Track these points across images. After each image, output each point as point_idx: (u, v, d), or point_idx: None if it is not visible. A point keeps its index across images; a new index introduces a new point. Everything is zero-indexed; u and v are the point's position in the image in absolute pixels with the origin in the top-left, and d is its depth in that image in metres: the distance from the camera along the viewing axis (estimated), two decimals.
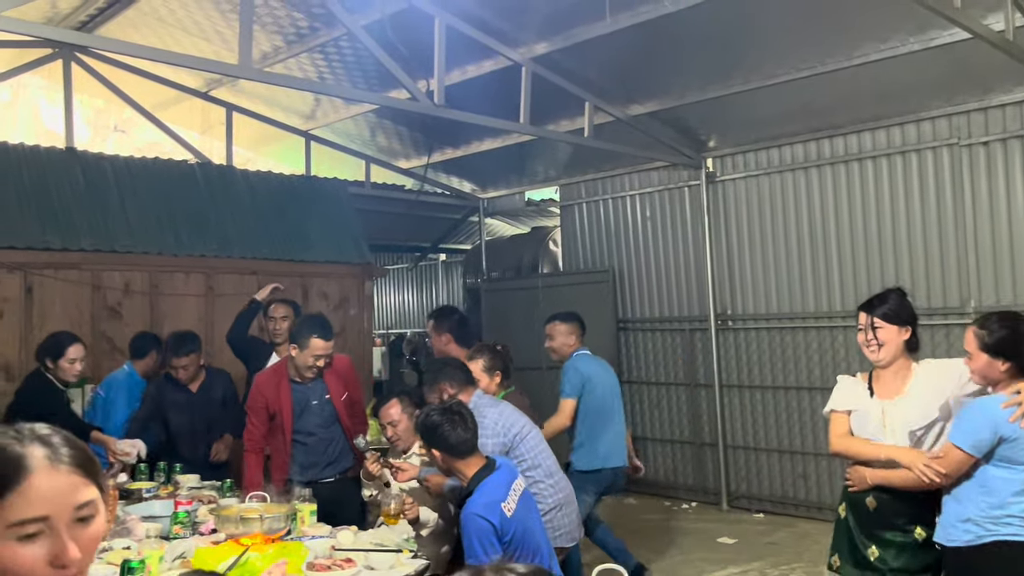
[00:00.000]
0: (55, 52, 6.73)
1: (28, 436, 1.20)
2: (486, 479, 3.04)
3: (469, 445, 3.09)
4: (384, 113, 7.78)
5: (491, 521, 2.91)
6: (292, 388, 4.30)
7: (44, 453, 1.19)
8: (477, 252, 10.12)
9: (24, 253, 5.88)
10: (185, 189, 6.98)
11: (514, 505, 3.02)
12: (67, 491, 1.19)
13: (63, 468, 1.19)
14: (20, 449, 1.18)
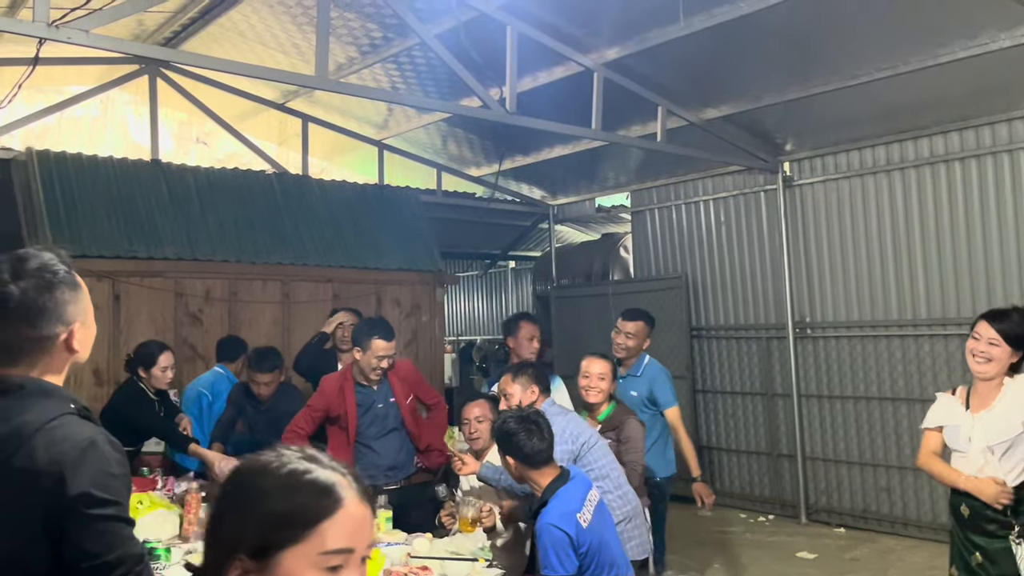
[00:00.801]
0: (141, 68, 6.98)
1: (326, 464, 1.18)
2: (560, 489, 3.00)
3: (544, 456, 3.05)
4: (455, 121, 7.84)
5: (567, 532, 2.87)
6: (357, 391, 4.34)
7: (350, 483, 1.17)
8: (547, 259, 10.10)
9: (112, 262, 6.09)
10: (263, 199, 7.16)
11: (590, 516, 2.97)
12: (368, 526, 1.18)
13: (365, 501, 1.18)
14: (331, 477, 1.16)
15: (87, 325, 1.74)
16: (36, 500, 1.54)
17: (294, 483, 1.14)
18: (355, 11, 5.92)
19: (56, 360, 1.70)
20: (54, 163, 6.26)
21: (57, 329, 1.67)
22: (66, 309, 1.68)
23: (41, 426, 1.58)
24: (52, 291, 1.66)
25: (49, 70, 6.47)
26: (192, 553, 2.99)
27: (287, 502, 1.12)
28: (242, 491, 1.16)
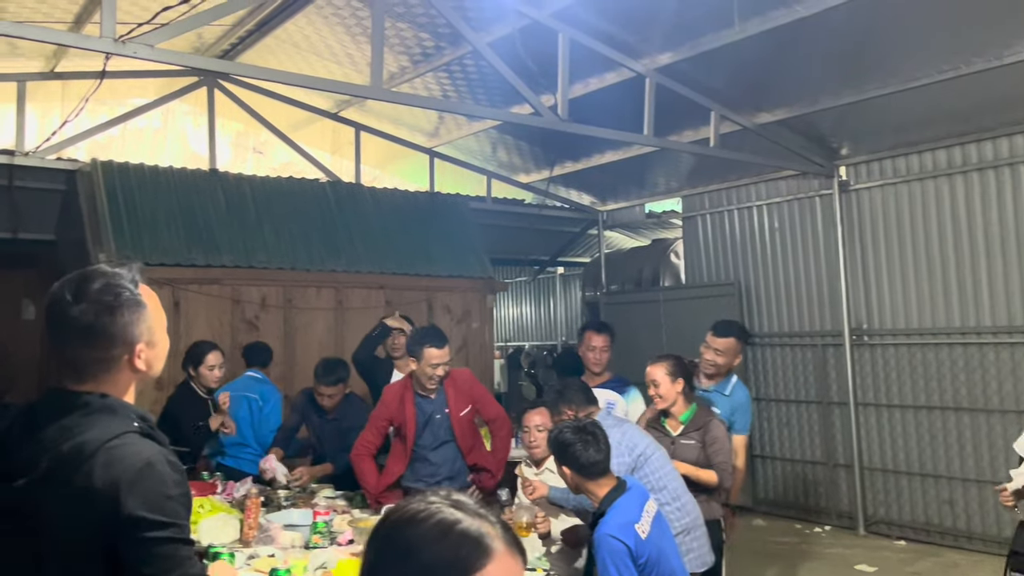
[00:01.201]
0: (200, 80, 7.15)
1: (473, 511, 1.12)
2: (618, 500, 2.98)
3: (601, 467, 3.03)
4: (505, 129, 7.87)
5: (625, 543, 2.84)
6: (416, 401, 4.35)
7: (499, 533, 1.10)
8: (596, 265, 10.06)
9: (172, 270, 6.24)
10: (317, 207, 7.26)
11: (648, 527, 2.94)
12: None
13: (516, 552, 1.11)
14: (481, 527, 1.10)
15: (153, 343, 1.72)
16: (94, 520, 1.53)
17: (444, 534, 1.08)
18: (408, 21, 5.98)
19: (121, 378, 1.69)
20: (117, 173, 6.44)
21: (118, 350, 1.66)
22: (128, 331, 1.67)
23: (101, 445, 1.56)
24: (112, 314, 1.65)
25: (112, 83, 6.65)
26: (255, 558, 3.04)
27: (438, 555, 1.07)
28: (392, 545, 1.11)
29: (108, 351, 1.65)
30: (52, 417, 1.61)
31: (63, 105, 6.84)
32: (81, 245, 6.20)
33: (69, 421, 1.60)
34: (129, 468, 1.54)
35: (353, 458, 4.36)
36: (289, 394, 6.28)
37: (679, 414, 4.02)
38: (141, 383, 1.78)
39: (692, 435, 3.96)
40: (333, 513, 3.67)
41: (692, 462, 3.84)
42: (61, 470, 1.56)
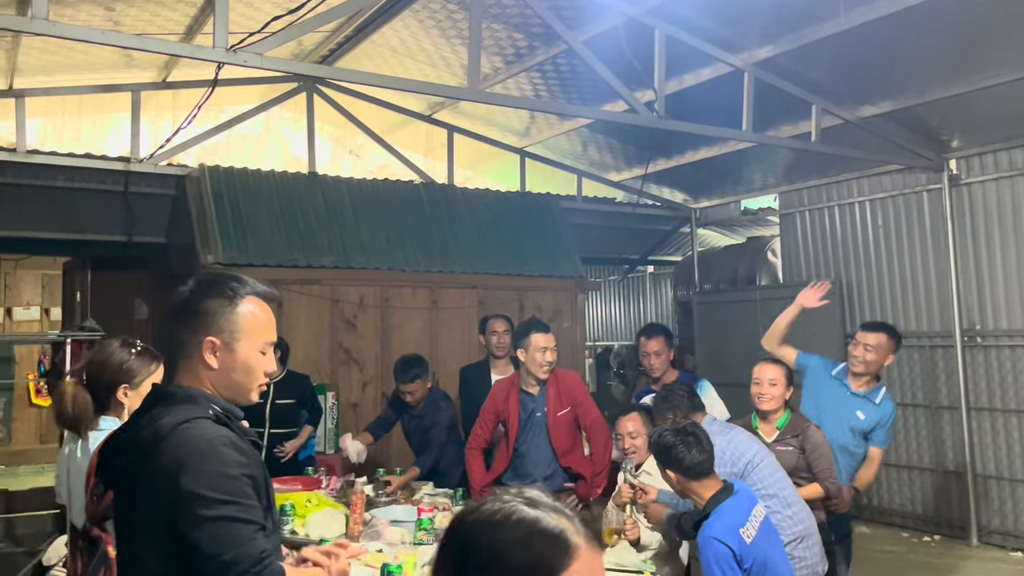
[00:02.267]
0: (300, 85, 7.37)
1: (551, 507, 1.09)
2: (724, 503, 2.92)
3: (705, 467, 2.97)
4: (596, 127, 7.82)
5: (729, 546, 2.78)
6: (520, 397, 4.37)
7: (578, 528, 1.08)
8: (688, 263, 9.90)
9: (275, 270, 6.44)
10: (411, 208, 7.38)
11: (754, 532, 2.87)
12: (602, 573, 1.10)
13: (596, 546, 1.09)
14: (560, 523, 1.07)
15: (233, 349, 1.77)
16: (161, 497, 1.63)
17: (527, 536, 1.05)
18: (502, 22, 6.01)
19: (200, 371, 1.78)
20: (223, 178, 6.69)
21: (199, 335, 1.76)
22: (211, 319, 1.77)
23: (174, 427, 1.67)
24: (205, 296, 1.78)
25: (220, 91, 6.89)
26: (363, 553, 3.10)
27: (524, 558, 1.04)
28: (474, 549, 1.07)
29: (191, 333, 1.76)
30: (148, 407, 1.77)
31: (174, 113, 7.16)
32: (190, 247, 6.46)
33: (157, 410, 1.73)
34: (193, 448, 1.64)
35: (466, 452, 4.46)
36: (386, 391, 6.43)
37: (776, 419, 3.94)
38: (225, 390, 1.80)
39: (789, 441, 3.87)
40: (436, 510, 3.72)
41: (790, 468, 3.72)
42: (142, 451, 1.69)
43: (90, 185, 6.72)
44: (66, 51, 5.94)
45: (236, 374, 1.79)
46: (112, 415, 2.71)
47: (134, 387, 2.72)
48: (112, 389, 2.70)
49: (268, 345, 1.84)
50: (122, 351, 2.75)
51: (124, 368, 2.71)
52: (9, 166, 6.36)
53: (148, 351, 2.80)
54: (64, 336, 6.43)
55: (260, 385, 1.86)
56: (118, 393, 2.70)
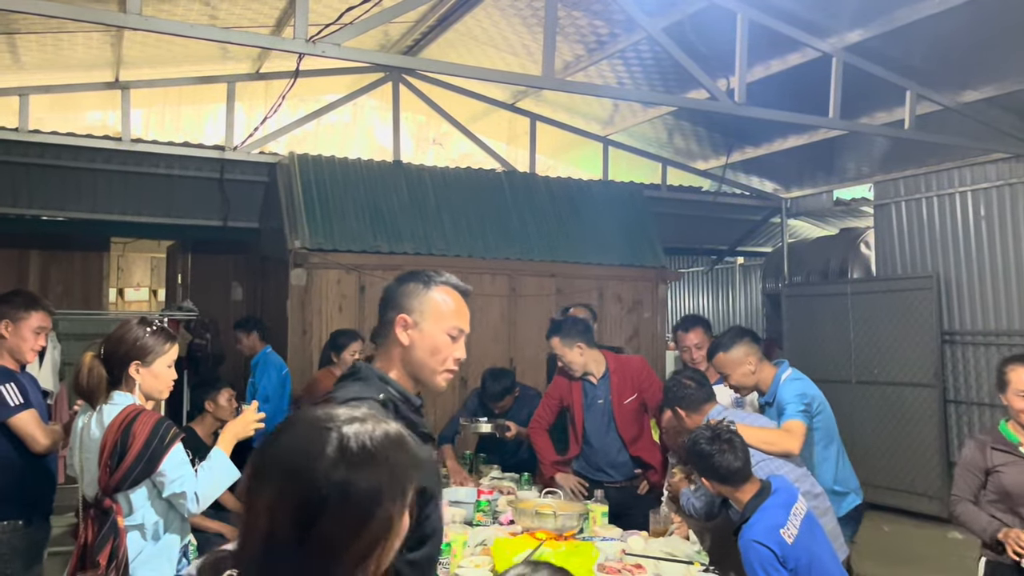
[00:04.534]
0: (386, 75, 7.53)
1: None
2: (763, 504, 2.85)
3: (742, 474, 2.91)
4: (682, 115, 7.69)
5: (770, 548, 2.72)
6: (583, 385, 4.36)
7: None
8: (778, 255, 9.63)
9: (359, 256, 6.62)
10: (492, 196, 7.45)
11: (795, 531, 2.79)
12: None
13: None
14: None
15: (422, 328, 1.90)
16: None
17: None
18: (582, 9, 5.99)
19: (392, 349, 1.93)
20: (312, 166, 6.91)
21: (391, 313, 1.93)
22: (403, 300, 1.93)
23: (340, 403, 1.76)
24: (401, 283, 1.95)
25: (310, 81, 7.15)
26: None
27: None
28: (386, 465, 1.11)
29: (389, 312, 1.94)
30: (341, 379, 1.95)
31: (266, 103, 7.44)
32: (280, 232, 6.72)
33: (343, 384, 1.88)
34: None
35: (530, 431, 4.47)
36: (464, 377, 6.52)
37: None
38: (411, 368, 1.92)
39: None
40: (497, 493, 3.77)
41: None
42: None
43: (189, 172, 7.07)
44: (166, 44, 6.25)
45: (423, 352, 1.91)
46: (125, 390, 2.80)
47: (146, 364, 2.80)
48: (125, 364, 2.79)
49: (457, 331, 1.95)
50: (139, 328, 2.83)
51: (138, 345, 2.80)
52: (116, 154, 6.76)
53: (164, 331, 2.89)
54: (163, 316, 6.80)
55: (447, 370, 1.96)
56: (130, 369, 2.79)
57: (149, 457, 2.66)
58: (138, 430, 2.67)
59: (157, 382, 2.86)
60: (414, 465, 1.17)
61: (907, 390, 7.47)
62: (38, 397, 3.77)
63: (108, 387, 2.79)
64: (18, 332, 3.64)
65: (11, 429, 3.52)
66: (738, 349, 3.67)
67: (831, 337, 8.20)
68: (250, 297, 8.71)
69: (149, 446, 2.66)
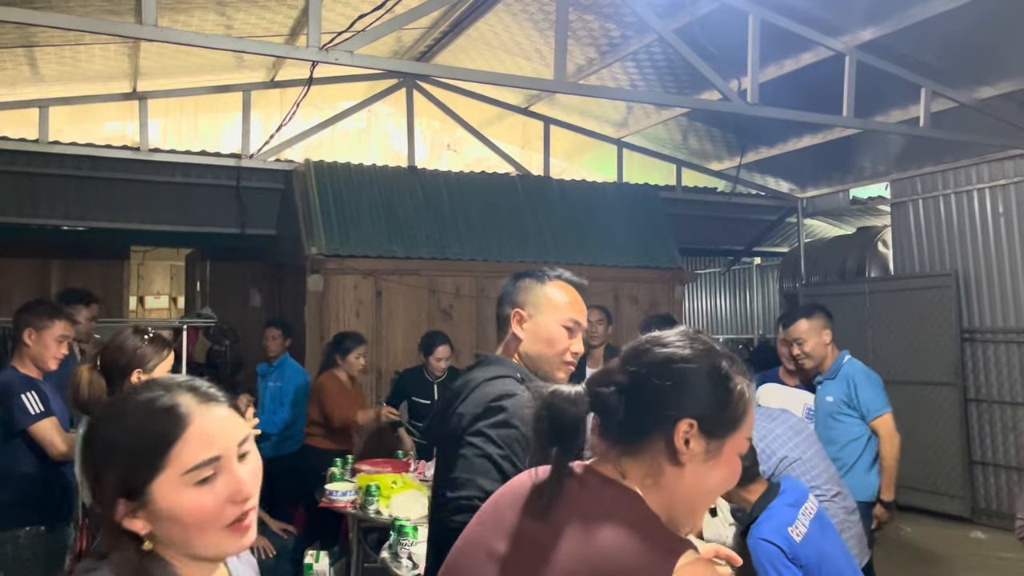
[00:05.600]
0: (400, 82, 7.58)
1: (165, 386, 1.19)
2: (771, 504, 2.84)
3: (749, 473, 2.90)
4: (696, 116, 7.69)
5: (778, 545, 2.71)
6: None
7: (191, 395, 1.17)
8: (795, 255, 9.58)
9: (375, 261, 6.67)
10: (507, 200, 7.47)
11: (805, 529, 2.78)
12: (228, 425, 1.17)
13: (212, 403, 1.18)
14: (169, 400, 1.15)
15: (535, 320, 2.02)
16: (456, 437, 1.87)
17: (134, 420, 1.15)
18: (594, 12, 6.00)
19: (510, 342, 2.05)
20: (327, 172, 6.97)
21: (507, 308, 2.05)
22: (517, 295, 2.05)
23: (483, 381, 1.93)
24: (515, 280, 2.12)
25: (324, 89, 7.21)
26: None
27: (132, 441, 1.13)
28: (96, 446, 1.17)
29: (503, 309, 2.08)
30: (468, 370, 2.09)
31: (281, 111, 7.50)
32: (297, 239, 6.78)
33: (473, 371, 2.04)
34: (486, 396, 1.89)
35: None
36: None
37: None
38: (530, 360, 2.04)
39: None
40: None
41: None
42: (451, 400, 2.00)
43: (206, 180, 7.15)
44: (182, 55, 6.33)
45: (539, 344, 2.02)
46: None
47: (147, 372, 2.82)
48: (126, 374, 2.80)
49: (572, 323, 2.05)
50: (135, 338, 2.86)
51: (138, 354, 2.83)
52: (135, 164, 6.84)
53: (160, 338, 2.92)
54: (182, 323, 6.87)
55: (566, 363, 2.05)
56: (132, 377, 2.80)
57: None
58: None
59: None
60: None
61: (927, 389, 7.41)
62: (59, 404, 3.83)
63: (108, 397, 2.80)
64: (41, 340, 3.70)
65: (32, 437, 3.58)
66: (819, 319, 4.02)
67: (849, 337, 8.11)
68: (268, 303, 8.78)
69: None
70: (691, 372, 1.22)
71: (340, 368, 5.34)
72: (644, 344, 1.29)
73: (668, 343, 1.27)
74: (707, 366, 1.23)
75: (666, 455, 1.21)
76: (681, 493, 1.19)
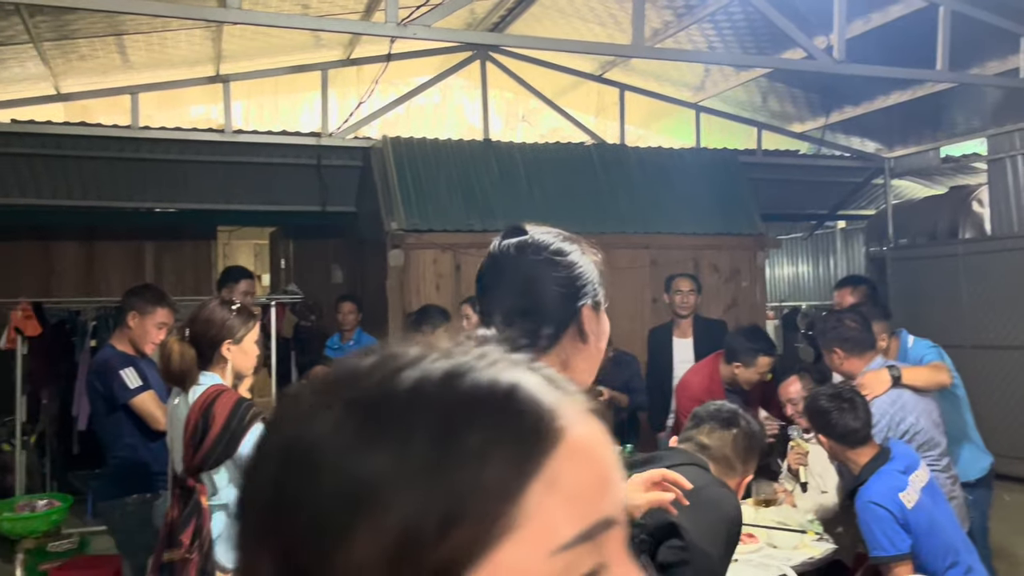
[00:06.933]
0: (474, 54, 7.56)
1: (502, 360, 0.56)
2: (881, 468, 2.77)
3: (860, 436, 2.83)
4: (776, 76, 7.45)
5: (889, 509, 2.65)
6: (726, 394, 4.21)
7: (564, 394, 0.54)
8: (882, 217, 9.25)
9: (453, 235, 6.71)
10: (582, 170, 7.41)
11: (916, 496, 2.71)
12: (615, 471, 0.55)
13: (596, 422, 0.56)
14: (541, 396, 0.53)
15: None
16: None
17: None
18: None
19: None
20: (404, 148, 7.03)
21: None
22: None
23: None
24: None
25: (399, 65, 7.24)
26: None
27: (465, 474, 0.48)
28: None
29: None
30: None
31: (358, 88, 7.60)
32: (376, 215, 6.87)
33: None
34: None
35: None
36: None
37: None
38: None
39: None
40: None
41: None
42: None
43: (287, 160, 7.30)
44: (262, 36, 6.45)
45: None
46: (214, 370, 2.89)
47: (236, 342, 2.89)
48: (216, 345, 2.87)
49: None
50: (223, 309, 2.92)
51: (227, 325, 2.88)
52: (220, 146, 7.03)
53: (245, 310, 2.98)
54: (270, 299, 7.08)
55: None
56: (222, 348, 2.88)
57: (229, 439, 2.71)
58: (218, 411, 2.72)
59: (247, 359, 2.96)
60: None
61: None
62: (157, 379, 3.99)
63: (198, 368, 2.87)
64: (143, 325, 3.87)
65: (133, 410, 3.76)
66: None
67: (942, 301, 7.85)
68: (349, 279, 8.96)
69: (228, 427, 2.71)
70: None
71: None
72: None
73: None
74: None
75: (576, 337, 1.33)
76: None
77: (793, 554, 2.79)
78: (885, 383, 3.19)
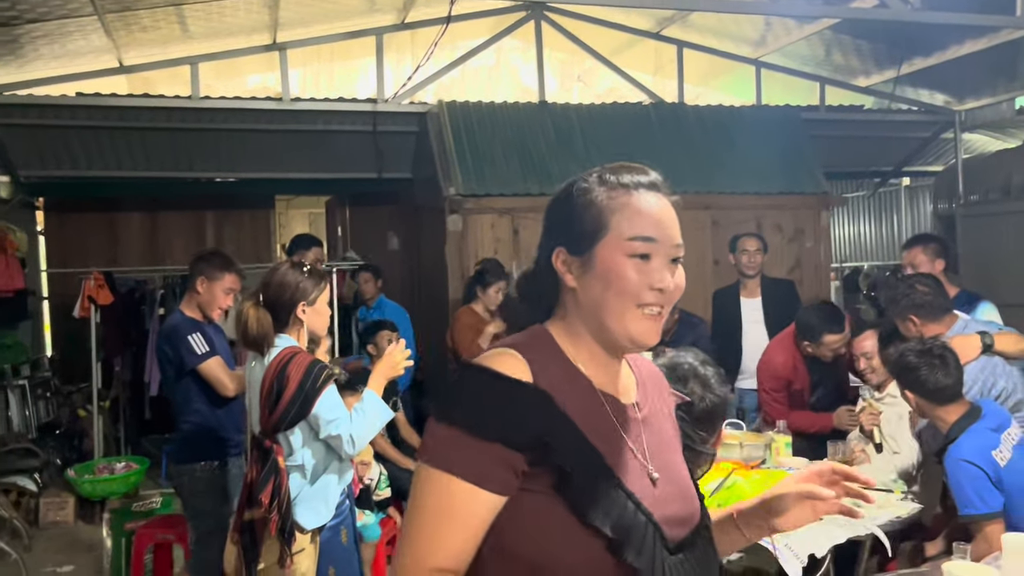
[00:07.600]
0: (528, 14, 7.45)
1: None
2: (972, 426, 2.69)
3: (950, 392, 2.74)
4: (841, 28, 7.18)
5: (982, 467, 2.57)
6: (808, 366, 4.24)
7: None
8: (951, 173, 8.91)
9: (511, 199, 6.66)
10: (640, 130, 7.28)
11: (1008, 454, 2.62)
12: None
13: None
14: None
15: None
16: None
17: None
18: None
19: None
20: (460, 112, 6.98)
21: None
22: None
23: None
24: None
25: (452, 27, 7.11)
26: None
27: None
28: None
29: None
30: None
31: (413, 53, 7.55)
32: (433, 181, 6.86)
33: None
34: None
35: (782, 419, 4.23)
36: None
37: None
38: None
39: None
40: None
41: None
42: None
43: (344, 127, 7.31)
44: (318, 2, 6.43)
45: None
46: (290, 333, 2.92)
47: (310, 304, 2.91)
48: (291, 307, 2.89)
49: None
50: (295, 272, 2.93)
51: (300, 287, 2.90)
52: (278, 114, 7.07)
53: (316, 271, 2.99)
54: (329, 266, 7.14)
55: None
56: (297, 311, 2.89)
57: (303, 400, 2.73)
58: (292, 372, 2.75)
59: (321, 319, 2.99)
60: None
61: None
62: (224, 345, 4.06)
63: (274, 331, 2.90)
64: (211, 290, 3.93)
65: (201, 375, 3.82)
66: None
67: (1017, 259, 7.57)
68: (405, 246, 9.00)
69: (303, 388, 2.74)
70: (550, 208, 1.42)
71: (479, 300, 5.41)
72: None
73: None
74: (562, 194, 1.41)
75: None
76: (586, 312, 1.31)
77: (879, 513, 2.72)
78: (975, 349, 3.09)
